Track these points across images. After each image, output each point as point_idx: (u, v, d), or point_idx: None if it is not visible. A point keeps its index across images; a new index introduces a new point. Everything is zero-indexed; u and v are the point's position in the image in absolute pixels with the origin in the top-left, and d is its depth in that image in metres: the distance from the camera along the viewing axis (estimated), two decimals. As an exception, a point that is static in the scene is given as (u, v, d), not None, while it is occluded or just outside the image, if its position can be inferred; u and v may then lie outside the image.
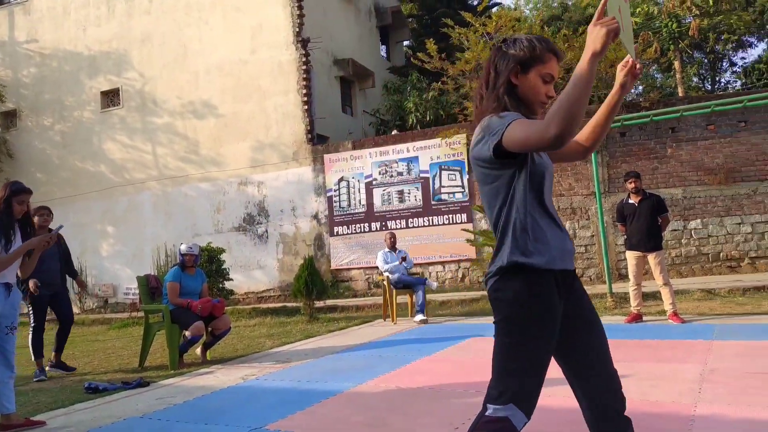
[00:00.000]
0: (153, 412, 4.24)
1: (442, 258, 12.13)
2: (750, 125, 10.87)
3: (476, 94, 2.06)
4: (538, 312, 1.87)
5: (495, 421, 1.85)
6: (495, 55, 2.00)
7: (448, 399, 4.09)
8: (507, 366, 1.91)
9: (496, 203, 1.94)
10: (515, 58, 1.93)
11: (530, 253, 1.85)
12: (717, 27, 18.33)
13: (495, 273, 1.92)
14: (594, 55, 1.65)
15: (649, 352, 5.15)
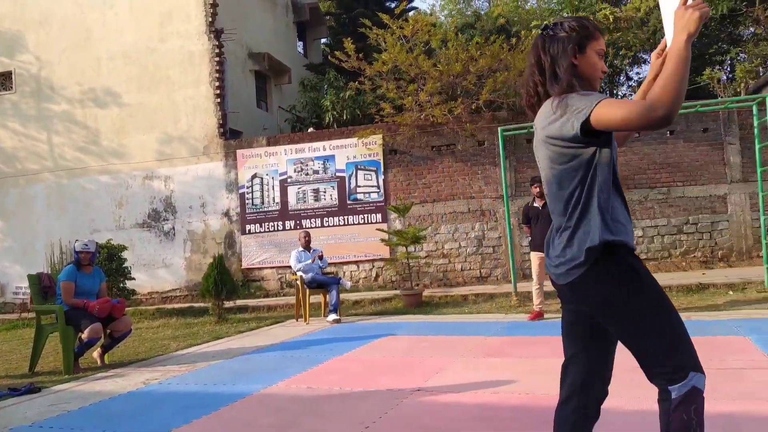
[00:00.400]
0: (45, 419, 3.94)
1: (357, 257, 12.16)
2: (643, 136, 11.72)
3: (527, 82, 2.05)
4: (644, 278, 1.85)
5: (687, 399, 1.80)
6: (544, 42, 1.98)
7: (360, 399, 4.09)
8: (658, 343, 1.85)
9: (570, 183, 1.90)
10: (572, 39, 1.93)
11: (617, 231, 1.84)
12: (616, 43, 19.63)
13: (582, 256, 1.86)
14: (689, 36, 1.67)
15: (549, 348, 5.41)
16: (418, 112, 11.74)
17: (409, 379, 4.50)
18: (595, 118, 1.77)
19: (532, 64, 2.02)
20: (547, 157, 1.96)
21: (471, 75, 11.50)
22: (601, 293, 1.87)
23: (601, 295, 1.88)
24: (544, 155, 1.97)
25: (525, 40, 11.87)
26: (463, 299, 9.63)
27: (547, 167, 1.97)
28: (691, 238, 11.54)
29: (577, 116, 1.81)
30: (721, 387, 3.73)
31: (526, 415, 3.46)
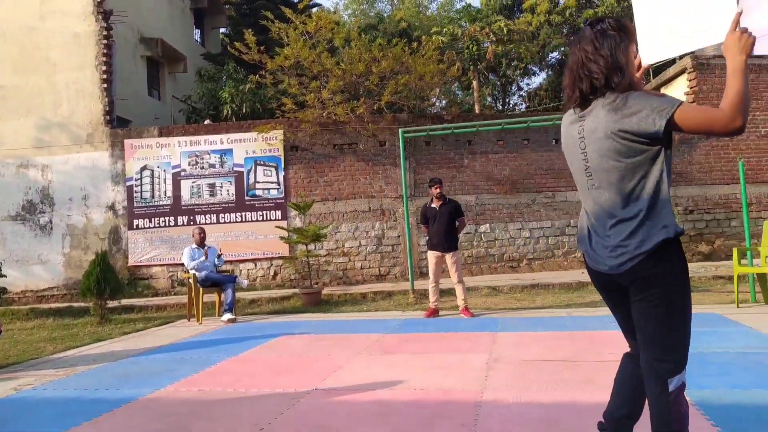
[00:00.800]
0: None
1: (255, 255, 11.86)
2: (532, 143, 12.45)
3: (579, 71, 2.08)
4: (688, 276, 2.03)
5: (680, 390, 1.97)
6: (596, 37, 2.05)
7: (254, 400, 3.99)
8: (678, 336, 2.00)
9: (634, 177, 1.98)
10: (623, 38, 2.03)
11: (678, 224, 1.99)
12: (509, 54, 20.68)
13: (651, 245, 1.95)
14: (747, 57, 1.90)
15: (443, 344, 5.59)
16: (321, 110, 11.67)
17: (306, 379, 4.45)
18: (679, 117, 1.89)
19: (587, 55, 2.06)
20: (612, 149, 2.00)
21: (373, 76, 11.61)
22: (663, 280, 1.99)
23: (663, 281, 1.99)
24: (609, 147, 2.01)
25: (426, 45, 12.18)
26: (362, 297, 9.70)
27: (611, 159, 2.01)
28: (572, 239, 12.39)
29: (659, 113, 1.90)
30: (598, 379, 4.03)
31: (420, 410, 3.54)
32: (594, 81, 2.05)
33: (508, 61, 21.66)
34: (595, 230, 2.13)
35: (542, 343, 5.33)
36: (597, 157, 2.07)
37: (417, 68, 11.62)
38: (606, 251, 2.07)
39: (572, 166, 2.23)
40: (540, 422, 3.21)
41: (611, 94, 2.02)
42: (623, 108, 1.97)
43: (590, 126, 2.07)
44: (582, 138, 2.12)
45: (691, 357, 4.47)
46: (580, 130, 2.12)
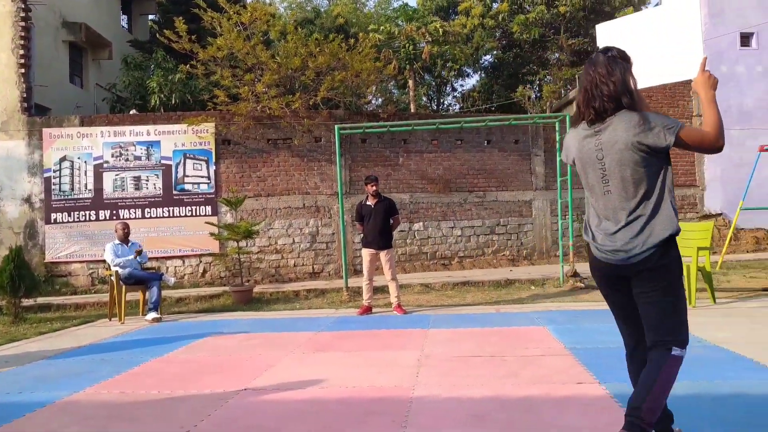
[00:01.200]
0: None
1: (183, 252, 11.47)
2: (465, 144, 12.71)
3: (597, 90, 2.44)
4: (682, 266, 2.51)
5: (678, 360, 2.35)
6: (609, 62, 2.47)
7: (180, 401, 3.86)
8: (682, 316, 2.40)
9: (644, 183, 2.40)
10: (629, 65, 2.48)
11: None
12: (444, 55, 21.01)
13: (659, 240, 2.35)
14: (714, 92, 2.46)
15: (376, 341, 5.61)
16: (255, 103, 11.43)
17: (236, 379, 4.35)
18: (683, 135, 2.34)
19: (600, 78, 2.44)
20: (631, 159, 2.39)
21: (310, 71, 11.49)
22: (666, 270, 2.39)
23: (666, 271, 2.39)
24: (627, 159, 2.40)
25: (363, 42, 12.16)
26: (295, 295, 9.59)
27: (629, 168, 2.40)
28: (501, 238, 12.76)
29: (669, 131, 2.34)
30: (523, 372, 4.17)
31: (352, 408, 3.54)
32: (605, 100, 2.42)
33: (443, 62, 22.02)
34: (606, 228, 2.50)
35: (472, 339, 5.45)
36: (615, 166, 2.43)
37: (354, 65, 11.59)
38: (617, 245, 2.43)
39: (585, 173, 2.58)
40: (469, 417, 3.28)
41: (627, 113, 2.41)
42: (641, 125, 2.37)
43: (609, 139, 2.44)
44: (600, 149, 2.47)
45: (608, 351, 4.73)
46: (597, 143, 2.48)
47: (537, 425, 3.10)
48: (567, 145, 2.70)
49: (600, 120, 2.47)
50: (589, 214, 2.63)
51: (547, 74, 20.95)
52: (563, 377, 3.99)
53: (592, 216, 2.61)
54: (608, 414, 3.22)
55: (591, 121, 2.50)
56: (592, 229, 2.59)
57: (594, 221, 2.59)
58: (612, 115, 2.43)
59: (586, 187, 2.62)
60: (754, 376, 3.80)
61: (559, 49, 20.18)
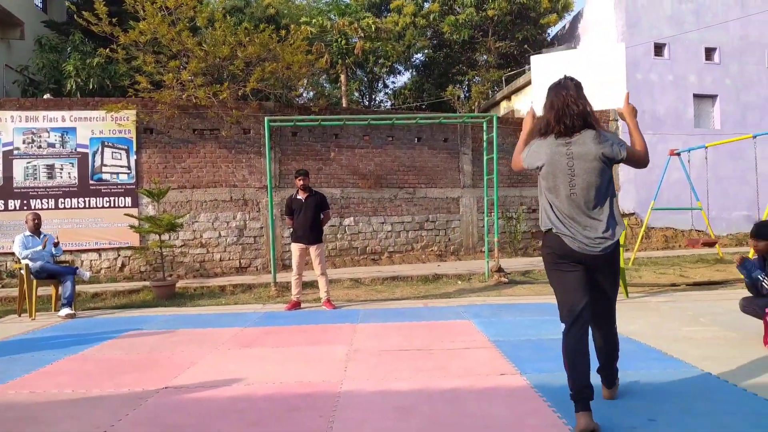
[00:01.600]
0: None
1: (100, 245, 10.91)
2: (396, 140, 12.81)
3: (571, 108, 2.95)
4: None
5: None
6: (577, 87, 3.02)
7: (96, 401, 3.66)
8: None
9: (606, 191, 2.96)
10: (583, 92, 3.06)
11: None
12: (376, 52, 21.06)
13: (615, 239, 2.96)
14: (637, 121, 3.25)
15: (304, 336, 5.56)
16: (180, 91, 11.02)
17: (156, 377, 4.18)
18: (628, 151, 3.01)
19: (571, 99, 2.96)
20: (597, 169, 2.93)
21: (239, 60, 11.19)
22: (617, 258, 3.08)
23: (617, 259, 3.08)
24: (594, 168, 2.92)
25: (294, 34, 11.98)
26: (221, 290, 9.34)
27: (596, 176, 2.93)
28: (430, 234, 12.98)
29: (621, 147, 2.98)
30: (449, 365, 4.25)
31: (279, 404, 3.49)
32: (575, 118, 2.95)
33: (375, 58, 22.06)
34: (570, 225, 2.97)
35: (400, 333, 5.51)
36: (584, 173, 2.93)
37: (285, 57, 11.40)
38: (592, 237, 2.93)
39: (553, 176, 3.00)
40: (396, 410, 3.31)
41: (589, 130, 2.96)
42: (601, 140, 2.94)
43: (580, 151, 2.94)
44: (571, 158, 2.95)
45: (530, 343, 4.90)
46: (569, 152, 2.96)
47: (461, 416, 3.17)
48: (534, 151, 3.10)
49: (568, 134, 2.97)
50: (548, 211, 3.04)
51: (475, 75, 21.43)
52: (487, 369, 4.11)
53: (553, 213, 3.02)
54: (528, 403, 3.34)
55: (559, 134, 2.99)
56: (557, 223, 3.00)
57: (557, 217, 3.01)
58: (579, 132, 2.96)
59: (548, 188, 3.04)
60: (660, 365, 4.06)
61: (487, 51, 20.70)
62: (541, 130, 3.09)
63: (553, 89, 3.05)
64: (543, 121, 3.09)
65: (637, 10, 15.45)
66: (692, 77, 15.76)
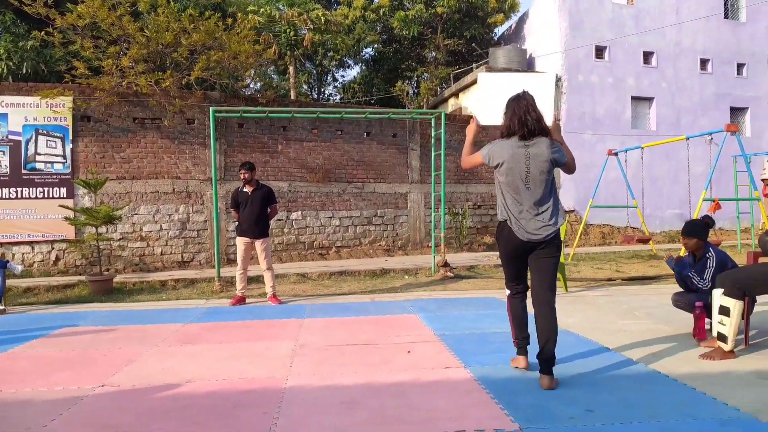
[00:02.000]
0: None
1: (32, 237, 10.38)
2: (344, 134, 12.76)
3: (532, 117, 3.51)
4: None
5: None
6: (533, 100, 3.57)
7: (27, 401, 3.49)
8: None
9: (552, 187, 3.58)
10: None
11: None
12: (325, 44, 20.87)
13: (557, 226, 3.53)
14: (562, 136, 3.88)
15: (249, 332, 5.47)
16: (119, 78, 10.60)
17: (92, 375, 4.03)
18: (568, 158, 3.65)
19: (530, 109, 3.52)
20: (547, 169, 3.52)
21: (183, 48, 10.86)
22: (558, 244, 3.61)
23: (558, 245, 3.60)
24: (546, 168, 3.51)
25: (241, 23, 11.72)
26: (162, 285, 9.07)
27: (546, 175, 3.52)
28: (378, 228, 13.02)
29: (563, 154, 3.60)
30: (394, 359, 4.28)
31: (222, 402, 3.42)
32: (535, 123, 3.50)
33: (324, 51, 21.88)
34: (524, 216, 3.52)
35: (347, 328, 5.51)
36: (537, 172, 3.50)
37: (231, 46, 11.15)
38: (537, 227, 3.50)
39: (511, 173, 3.53)
40: (341, 405, 3.31)
41: (545, 138, 3.54)
42: (553, 147, 3.54)
43: (536, 153, 3.51)
44: (528, 158, 3.51)
45: (473, 337, 5.00)
46: (527, 153, 3.51)
47: (406, 409, 3.20)
48: (496, 150, 3.60)
49: (528, 138, 3.51)
50: (507, 204, 3.58)
51: (424, 71, 21.58)
52: (432, 363, 4.16)
53: (512, 207, 3.56)
54: (472, 396, 3.41)
55: (522, 137, 3.52)
56: (514, 215, 3.55)
57: (515, 210, 3.55)
58: (536, 136, 3.52)
59: (505, 184, 3.57)
60: (598, 357, 4.22)
61: (436, 48, 20.88)
62: (503, 133, 3.63)
63: (514, 100, 3.59)
64: (505, 126, 3.61)
65: (579, 13, 15.94)
66: (631, 80, 16.40)
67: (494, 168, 3.63)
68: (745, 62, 17.65)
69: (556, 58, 15.81)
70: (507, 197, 3.57)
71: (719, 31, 17.32)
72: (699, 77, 17.13)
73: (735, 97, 17.51)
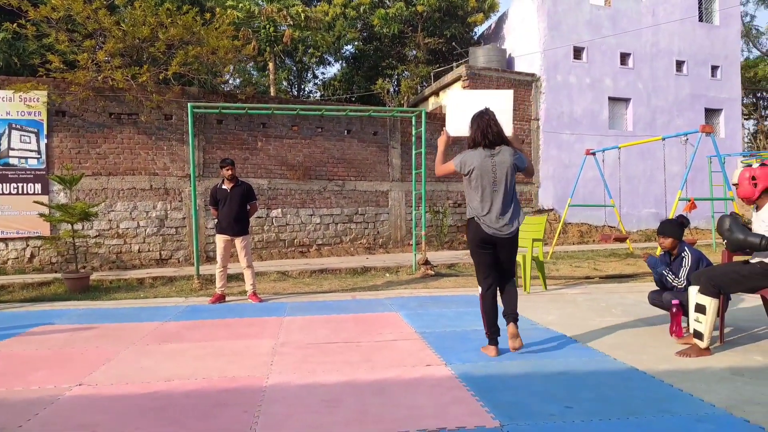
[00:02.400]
0: None
1: (6, 234, 10.16)
2: (325, 132, 12.71)
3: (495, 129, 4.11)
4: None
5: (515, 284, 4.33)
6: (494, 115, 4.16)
7: (2, 401, 3.41)
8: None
9: (514, 190, 4.15)
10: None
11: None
12: (306, 41, 20.76)
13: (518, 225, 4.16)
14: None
15: (229, 331, 5.42)
16: (95, 72, 10.42)
17: (68, 374, 3.95)
18: (528, 163, 4.24)
19: (492, 122, 4.11)
20: (511, 174, 4.11)
21: (160, 42, 10.72)
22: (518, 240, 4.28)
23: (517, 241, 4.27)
24: (510, 172, 4.10)
25: (220, 18, 11.61)
26: (139, 283, 8.95)
27: (510, 177, 4.11)
28: (359, 226, 13.01)
29: (524, 160, 4.20)
30: (375, 357, 4.28)
31: (201, 401, 3.38)
32: (496, 135, 4.10)
33: (304, 48, 21.76)
34: (491, 214, 4.09)
35: (328, 326, 5.49)
36: (503, 177, 4.09)
37: (210, 41, 11.03)
38: (501, 224, 4.09)
39: (481, 178, 4.08)
40: (322, 403, 3.30)
41: (508, 147, 4.14)
42: (514, 154, 4.14)
43: (501, 160, 4.09)
44: (494, 165, 4.09)
45: (454, 334, 5.03)
46: (493, 161, 4.09)
47: (388, 407, 3.20)
48: (467, 158, 4.15)
49: (491, 147, 4.10)
50: (475, 205, 4.14)
51: (405, 70, 21.60)
52: (413, 360, 4.17)
53: (481, 206, 4.11)
54: (452, 393, 3.42)
55: (485, 147, 4.10)
56: (482, 213, 4.10)
57: (483, 210, 4.11)
58: (499, 146, 4.11)
59: (475, 187, 4.12)
60: (577, 354, 4.27)
61: (416, 47, 20.91)
62: (470, 144, 4.20)
63: (478, 116, 4.17)
64: (471, 138, 4.18)
65: (558, 14, 16.10)
66: (608, 80, 16.63)
67: (465, 174, 4.16)
68: (719, 64, 18.01)
69: (534, 58, 15.95)
70: (477, 198, 4.13)
71: (694, 33, 17.65)
72: (675, 78, 17.44)
73: (710, 99, 17.86)
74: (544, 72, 15.78)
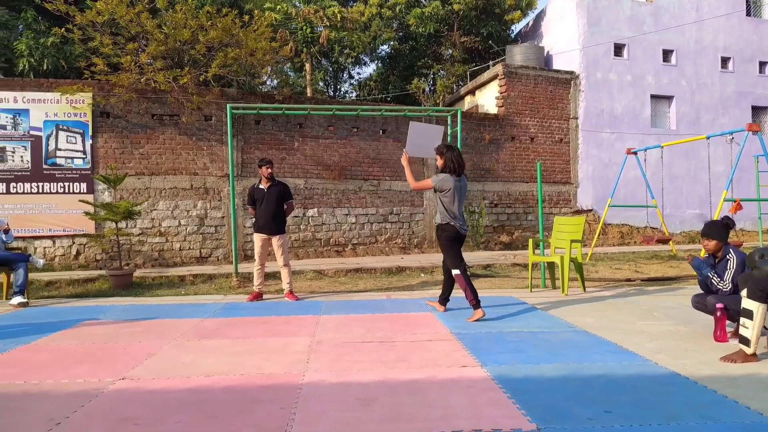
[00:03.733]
0: None
1: (54, 232, 10.55)
2: (360, 132, 12.77)
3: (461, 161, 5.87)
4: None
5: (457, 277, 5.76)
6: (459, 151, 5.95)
7: (48, 393, 3.55)
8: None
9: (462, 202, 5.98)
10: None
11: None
12: (342, 41, 20.90)
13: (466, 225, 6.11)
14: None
15: (266, 328, 5.51)
16: (138, 75, 10.71)
17: (112, 368, 4.08)
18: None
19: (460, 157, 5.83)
20: (465, 193, 5.90)
21: (200, 45, 10.95)
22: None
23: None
24: (464, 193, 5.89)
25: (258, 20, 11.78)
26: (180, 280, 9.16)
27: (463, 194, 5.86)
28: (394, 226, 13.02)
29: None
30: (410, 357, 4.28)
31: (239, 396, 3.45)
32: (463, 167, 5.82)
33: (340, 48, 21.89)
34: (458, 219, 5.75)
35: (363, 325, 5.52)
36: (462, 195, 5.83)
37: (248, 43, 11.21)
38: (464, 226, 5.81)
39: (453, 196, 5.70)
40: (357, 401, 3.32)
41: (464, 175, 5.90)
42: (465, 182, 5.93)
43: (462, 184, 5.85)
44: (460, 186, 5.79)
45: (489, 336, 4.98)
46: (459, 185, 5.77)
47: (422, 407, 3.20)
48: (444, 181, 5.72)
49: (458, 174, 5.77)
50: (448, 213, 5.73)
51: (441, 69, 21.50)
52: (448, 361, 4.15)
53: (453, 213, 5.73)
54: (488, 394, 3.39)
55: (456, 174, 5.75)
56: (454, 218, 5.73)
57: (455, 215, 5.74)
58: (462, 174, 5.83)
59: (449, 201, 5.71)
60: (616, 358, 4.18)
61: (452, 46, 20.79)
62: (443, 170, 5.78)
63: (450, 150, 5.80)
64: (444, 165, 5.77)
65: (597, 10, 15.78)
66: (650, 78, 16.20)
67: (441, 192, 5.71)
68: (767, 60, 17.35)
69: (573, 55, 15.67)
70: (450, 209, 5.72)
71: (741, 28, 17.05)
72: (720, 75, 16.88)
73: (757, 96, 17.23)
74: (583, 69, 15.48)
